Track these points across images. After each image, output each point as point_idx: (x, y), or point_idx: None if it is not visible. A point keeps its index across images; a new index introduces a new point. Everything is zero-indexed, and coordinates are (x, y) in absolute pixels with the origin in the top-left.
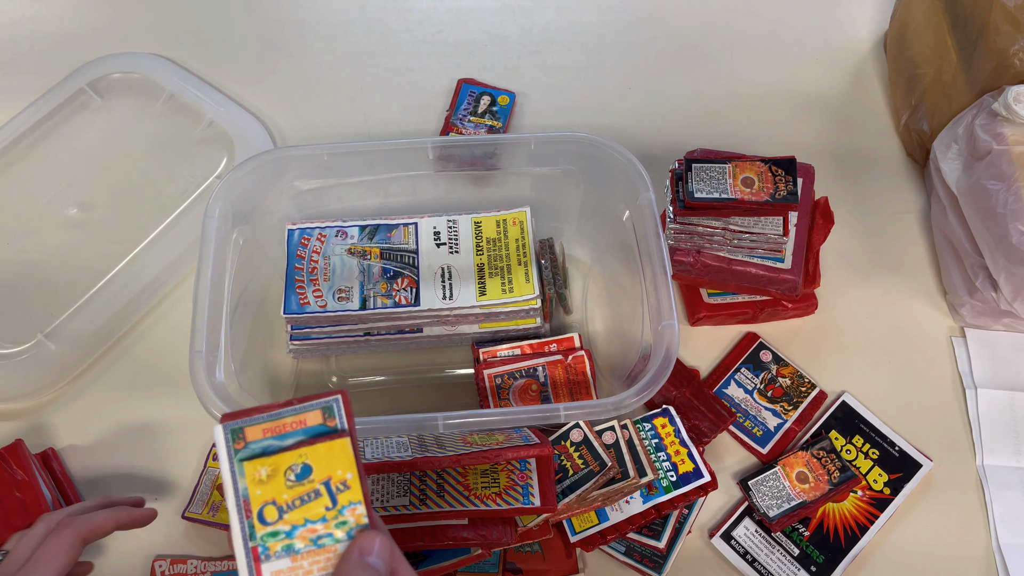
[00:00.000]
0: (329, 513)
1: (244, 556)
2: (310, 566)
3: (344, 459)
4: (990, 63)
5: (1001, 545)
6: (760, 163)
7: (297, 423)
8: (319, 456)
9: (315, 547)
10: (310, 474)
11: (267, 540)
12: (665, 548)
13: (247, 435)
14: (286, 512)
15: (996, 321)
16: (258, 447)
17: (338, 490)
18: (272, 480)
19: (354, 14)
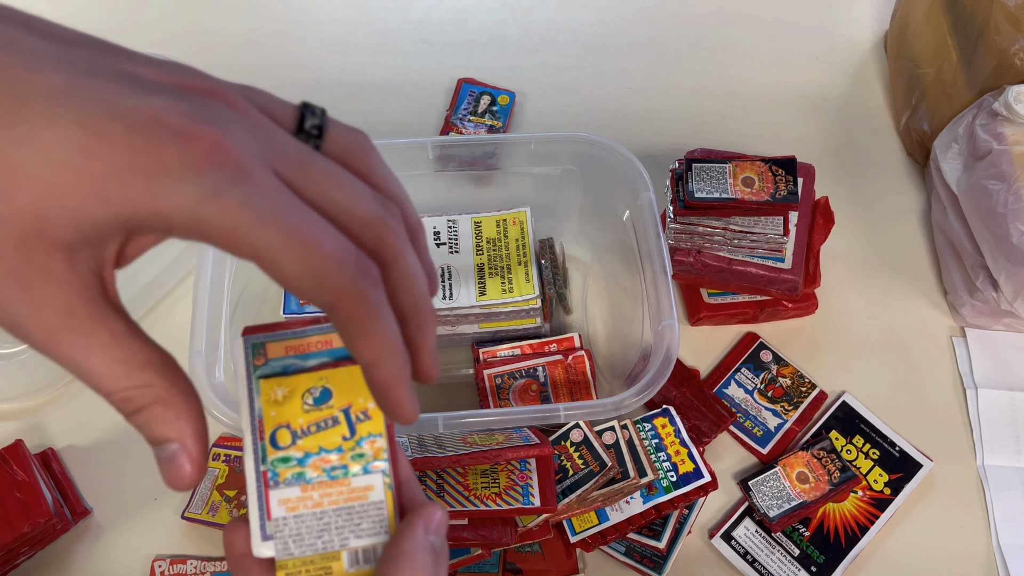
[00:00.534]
0: (346, 443)
1: (255, 479)
2: (320, 498)
3: (367, 387)
4: (990, 63)
5: (1001, 545)
6: (760, 163)
7: (322, 343)
8: (340, 381)
9: (328, 478)
10: (329, 399)
11: (277, 465)
12: (665, 548)
13: (268, 351)
14: (300, 438)
15: (996, 321)
16: (279, 365)
17: (358, 420)
18: (288, 402)
19: (354, 13)
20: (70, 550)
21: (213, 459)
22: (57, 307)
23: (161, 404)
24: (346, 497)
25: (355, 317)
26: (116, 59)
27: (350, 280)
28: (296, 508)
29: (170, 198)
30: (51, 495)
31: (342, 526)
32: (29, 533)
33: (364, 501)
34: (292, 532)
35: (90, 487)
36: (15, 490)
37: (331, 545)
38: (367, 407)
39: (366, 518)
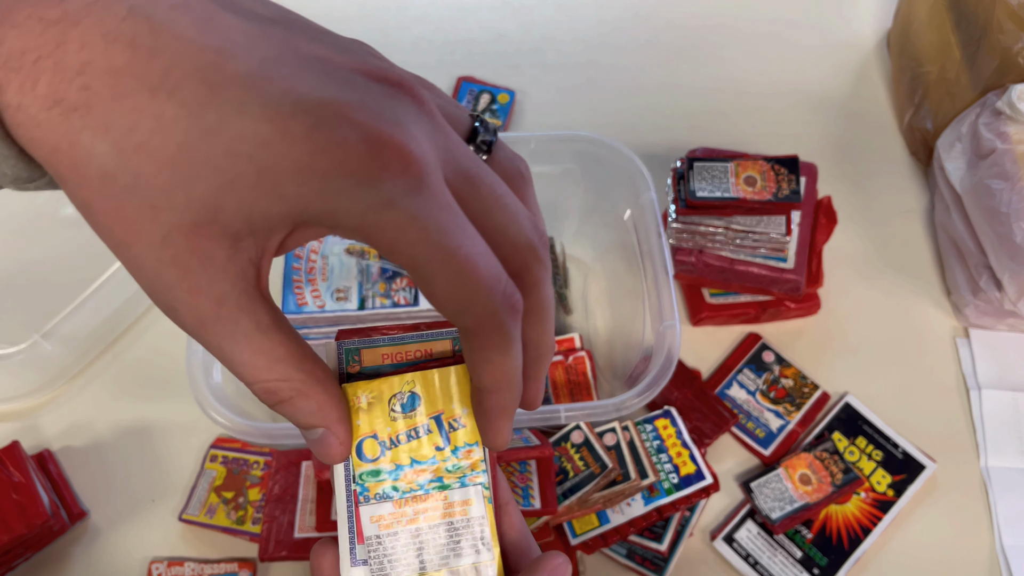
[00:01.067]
0: (440, 454)
1: (345, 498)
2: (415, 514)
3: (460, 392)
4: (994, 61)
5: (1005, 547)
6: (763, 162)
7: (422, 352)
8: (429, 385)
9: (422, 492)
10: (417, 406)
11: (367, 480)
12: (667, 551)
13: (363, 358)
14: (389, 449)
15: (1000, 321)
16: (374, 374)
17: (451, 428)
18: (374, 409)
19: (352, 11)
20: (67, 552)
21: (211, 461)
22: (211, 294)
23: (302, 397)
24: (443, 512)
25: (488, 345)
26: (308, 41)
27: (495, 310)
28: (390, 526)
29: (344, 202)
30: (47, 497)
31: (441, 544)
32: (25, 535)
33: (463, 517)
34: (387, 553)
35: (87, 489)
36: (11, 491)
37: (430, 566)
38: (460, 414)
39: (466, 535)
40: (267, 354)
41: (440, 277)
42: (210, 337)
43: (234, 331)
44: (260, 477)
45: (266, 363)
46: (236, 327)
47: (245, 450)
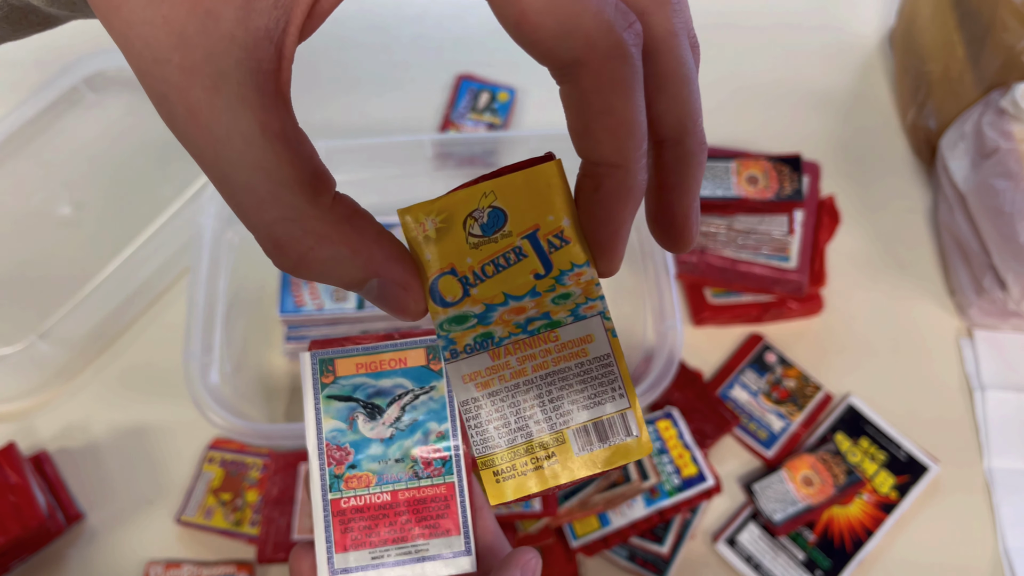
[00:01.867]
0: (542, 283)
1: (322, 512)
2: (521, 364)
3: (558, 197)
4: (998, 59)
5: (1008, 549)
6: (765, 160)
7: (396, 361)
8: (515, 194)
9: (526, 334)
10: (503, 224)
11: (452, 329)
12: (668, 553)
13: (337, 369)
14: (474, 285)
15: (1004, 321)
16: (349, 384)
17: (551, 247)
18: (445, 237)
19: (351, 8)
20: (63, 554)
21: (208, 462)
22: (208, 72)
23: (325, 242)
24: (555, 357)
25: (604, 85)
26: None
27: (608, 25)
28: (489, 384)
29: None
30: (44, 498)
31: (559, 397)
32: (21, 536)
33: (583, 359)
34: (492, 417)
35: (84, 490)
36: (7, 493)
37: (551, 425)
38: (561, 226)
39: (590, 382)
40: (270, 174)
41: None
42: (202, 141)
43: (230, 132)
44: (258, 479)
45: (270, 188)
46: (233, 126)
47: (243, 452)
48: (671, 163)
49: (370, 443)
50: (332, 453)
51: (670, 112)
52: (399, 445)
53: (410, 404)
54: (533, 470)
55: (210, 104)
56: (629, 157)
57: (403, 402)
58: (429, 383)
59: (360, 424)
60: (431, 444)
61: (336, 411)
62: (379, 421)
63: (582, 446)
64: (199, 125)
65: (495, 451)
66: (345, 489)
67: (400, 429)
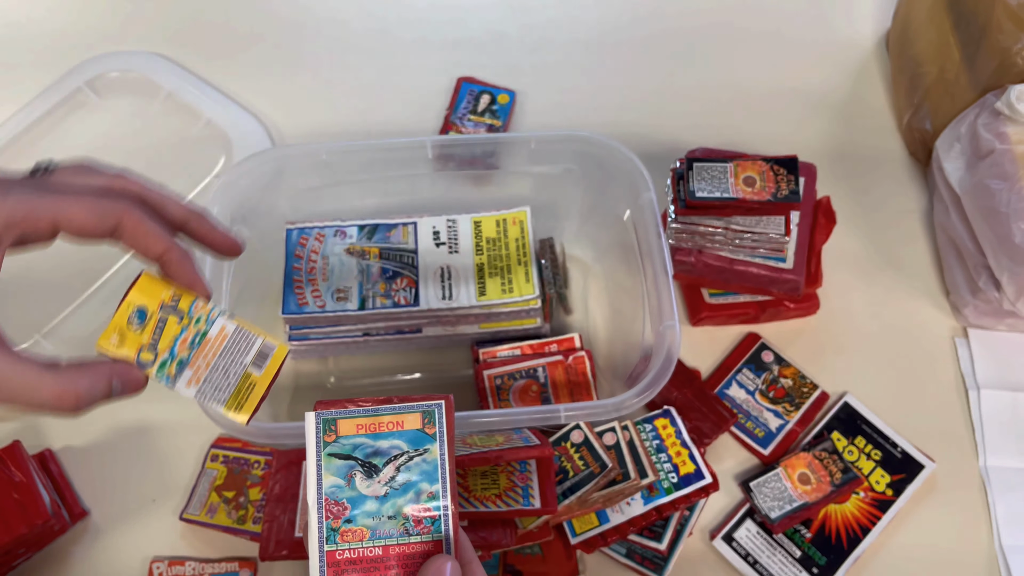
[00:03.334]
0: (183, 322)
1: (318, 559)
2: (205, 360)
3: (155, 285)
4: (993, 62)
5: (1004, 547)
6: (762, 162)
7: (394, 424)
8: (141, 295)
9: (197, 348)
10: (146, 312)
11: (162, 373)
12: (666, 550)
13: (339, 428)
14: (155, 346)
15: (999, 321)
16: (349, 444)
17: (175, 301)
18: (125, 336)
19: (353, 12)
20: (68, 551)
21: (211, 460)
22: None
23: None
24: (218, 347)
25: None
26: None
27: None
28: (199, 378)
29: None
30: (49, 496)
31: (236, 359)
32: (26, 534)
33: (228, 338)
34: (213, 390)
35: (88, 488)
36: (12, 491)
37: (241, 369)
38: (171, 292)
39: (240, 343)
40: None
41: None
42: None
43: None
44: (261, 476)
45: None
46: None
47: (246, 449)
48: (188, 230)
49: (366, 500)
50: (330, 507)
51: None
52: (392, 503)
53: (404, 465)
54: (250, 393)
55: None
56: (170, 247)
57: (398, 463)
58: (424, 446)
59: (358, 481)
60: (422, 503)
61: (336, 468)
62: (375, 479)
63: (260, 369)
64: None
65: (227, 401)
66: (340, 542)
67: (394, 488)
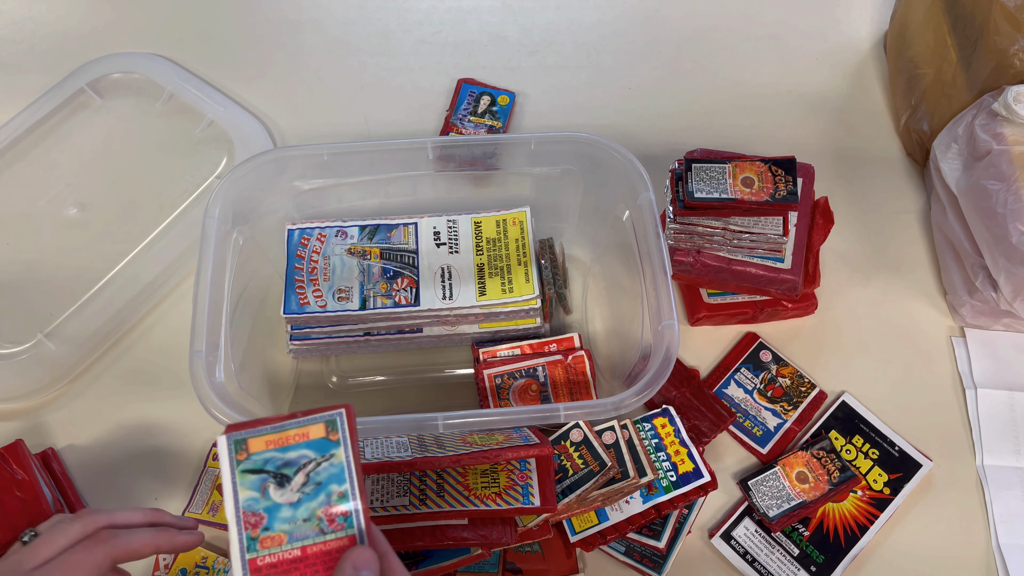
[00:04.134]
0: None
1: (240, 567)
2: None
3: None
4: (990, 63)
5: (1001, 545)
6: (760, 163)
7: (300, 436)
8: None
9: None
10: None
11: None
12: (665, 548)
13: (250, 447)
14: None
15: (996, 321)
16: (260, 459)
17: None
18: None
19: (354, 14)
20: None
21: (214, 459)
22: None
23: None
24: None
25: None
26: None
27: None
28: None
29: None
30: (51, 494)
31: None
32: None
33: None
34: None
35: (90, 486)
36: (15, 489)
37: None
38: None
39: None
40: None
41: None
42: None
43: None
44: None
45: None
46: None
47: None
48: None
49: (280, 507)
50: (248, 519)
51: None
52: (306, 507)
53: (313, 471)
54: None
55: None
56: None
57: (307, 469)
58: (329, 451)
59: (271, 492)
60: (333, 503)
61: (250, 483)
62: (287, 488)
63: None
64: None
65: None
66: (260, 549)
67: (306, 493)
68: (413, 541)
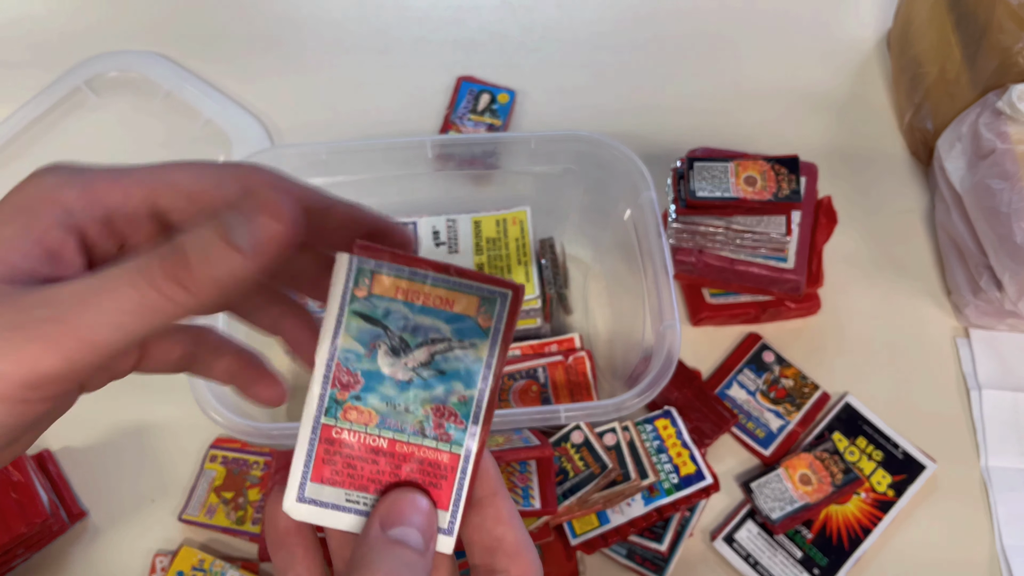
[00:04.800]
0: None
1: (309, 433)
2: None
3: None
4: (994, 61)
5: (1005, 547)
6: (763, 162)
7: (444, 301)
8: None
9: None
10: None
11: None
12: (667, 551)
13: (375, 284)
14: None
15: (1000, 321)
16: (382, 306)
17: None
18: None
19: (352, 11)
20: (66, 552)
21: (210, 461)
22: None
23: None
24: None
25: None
26: None
27: None
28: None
29: None
30: (47, 496)
31: None
32: (24, 534)
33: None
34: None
35: (86, 489)
36: (11, 491)
37: None
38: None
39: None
40: None
41: None
42: None
43: None
44: (260, 477)
45: None
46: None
47: (245, 450)
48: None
49: (384, 379)
50: (340, 375)
51: None
52: (415, 394)
53: (442, 354)
54: None
55: None
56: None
57: (435, 348)
58: (471, 339)
59: (380, 355)
60: (450, 405)
61: (358, 331)
62: (402, 360)
63: None
64: None
65: None
66: (342, 419)
67: (422, 377)
68: None
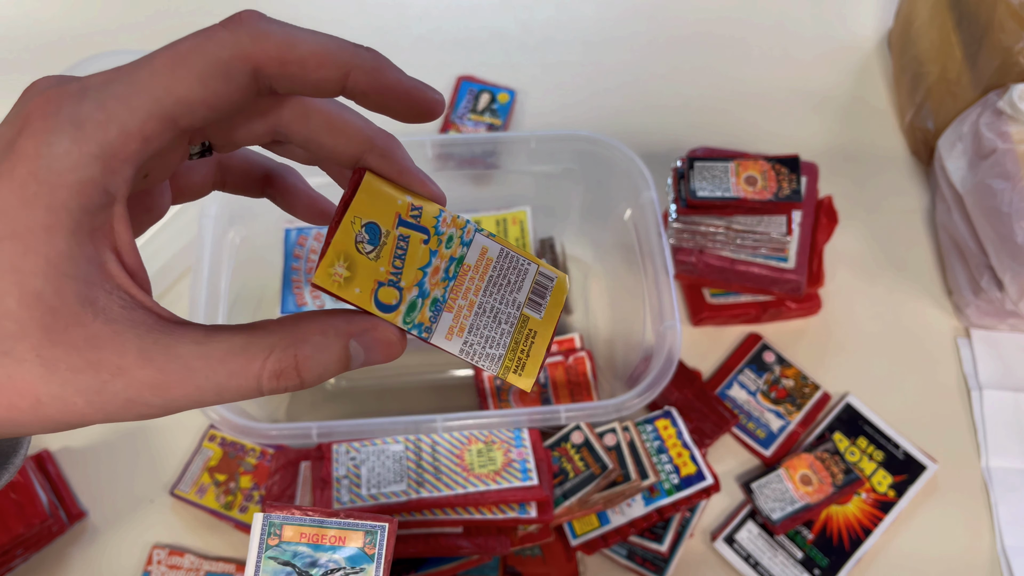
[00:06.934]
0: (432, 243)
1: None
2: (465, 298)
3: (388, 189)
4: (995, 61)
5: (1006, 548)
6: (763, 161)
7: (337, 539)
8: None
9: (452, 280)
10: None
11: (412, 318)
12: (667, 551)
13: (283, 534)
14: (397, 281)
15: (1001, 321)
16: (290, 550)
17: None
18: (355, 266)
19: (352, 10)
20: (65, 552)
21: (209, 440)
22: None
23: (301, 365)
24: (478, 275)
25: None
26: None
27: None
28: (463, 326)
29: None
30: (46, 496)
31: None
32: (24, 534)
33: (492, 263)
34: (482, 342)
35: (85, 489)
36: (9, 491)
37: (513, 315)
38: (407, 202)
39: (508, 272)
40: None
41: None
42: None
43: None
44: (254, 466)
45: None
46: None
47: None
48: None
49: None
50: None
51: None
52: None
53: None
54: (530, 346)
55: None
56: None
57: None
58: (360, 566)
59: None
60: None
61: (273, 571)
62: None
63: (538, 310)
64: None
65: (503, 359)
66: None
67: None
68: (407, 548)
